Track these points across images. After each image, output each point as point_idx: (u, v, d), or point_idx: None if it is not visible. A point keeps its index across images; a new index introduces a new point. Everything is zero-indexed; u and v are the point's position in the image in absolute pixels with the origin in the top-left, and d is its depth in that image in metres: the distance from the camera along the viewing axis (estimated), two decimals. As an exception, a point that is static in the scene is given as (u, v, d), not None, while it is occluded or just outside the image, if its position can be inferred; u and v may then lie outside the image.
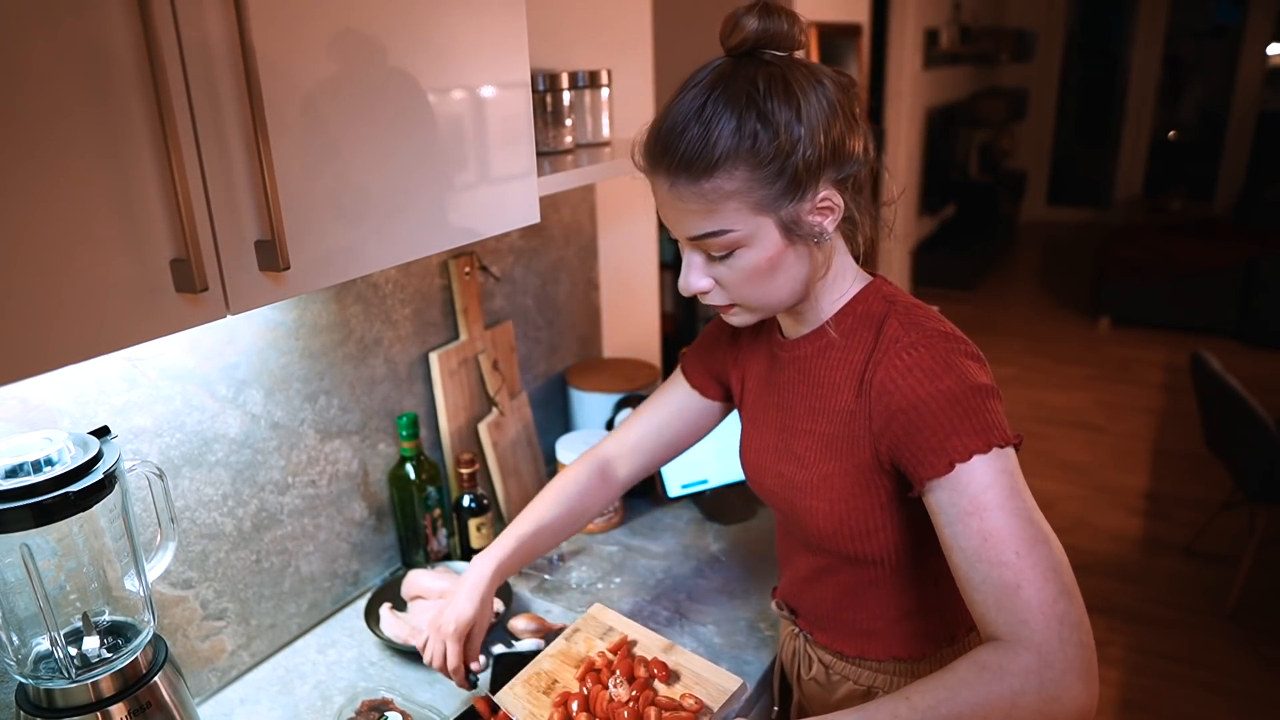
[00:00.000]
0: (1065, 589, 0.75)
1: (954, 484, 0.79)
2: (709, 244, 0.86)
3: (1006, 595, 0.76)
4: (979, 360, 0.85)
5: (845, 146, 0.84)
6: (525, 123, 1.06)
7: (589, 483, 1.19)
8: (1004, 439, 0.79)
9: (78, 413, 0.99)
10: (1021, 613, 0.75)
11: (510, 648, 1.27)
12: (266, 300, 0.78)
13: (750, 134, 0.80)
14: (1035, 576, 0.75)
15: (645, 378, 1.77)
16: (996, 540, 0.76)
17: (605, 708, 0.99)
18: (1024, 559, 0.75)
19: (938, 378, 0.81)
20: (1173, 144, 7.45)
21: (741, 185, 0.81)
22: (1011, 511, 0.77)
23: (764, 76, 0.81)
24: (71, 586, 0.89)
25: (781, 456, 0.99)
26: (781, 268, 0.87)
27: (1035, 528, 0.77)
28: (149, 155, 0.66)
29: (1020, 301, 5.95)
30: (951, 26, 5.71)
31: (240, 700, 1.19)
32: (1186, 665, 2.54)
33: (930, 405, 0.81)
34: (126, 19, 0.64)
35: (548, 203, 1.69)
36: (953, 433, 0.79)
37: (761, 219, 0.83)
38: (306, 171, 0.79)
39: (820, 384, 0.94)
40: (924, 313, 0.89)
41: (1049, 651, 0.73)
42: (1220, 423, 2.72)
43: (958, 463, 0.79)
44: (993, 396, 0.82)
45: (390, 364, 1.41)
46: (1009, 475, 0.78)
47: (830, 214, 0.86)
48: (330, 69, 0.80)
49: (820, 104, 0.82)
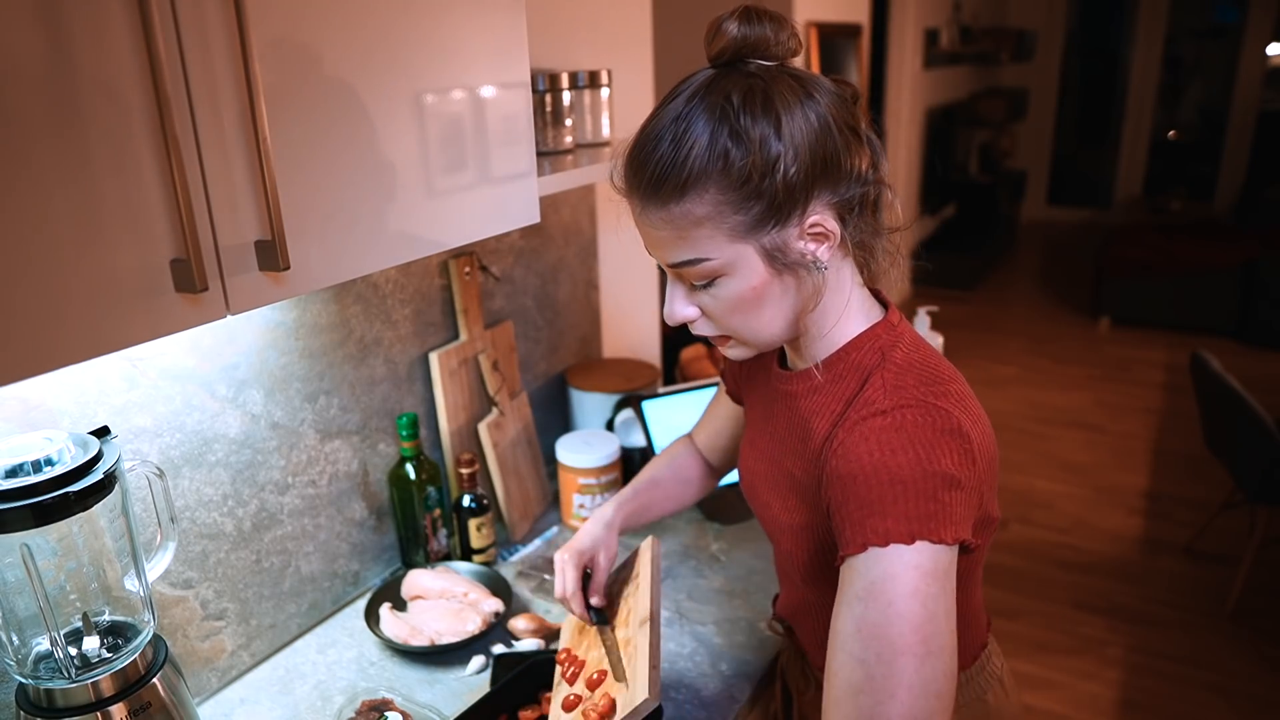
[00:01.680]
0: (911, 714, 0.66)
1: (860, 565, 0.71)
2: (686, 273, 0.79)
3: (847, 695, 0.69)
4: (958, 438, 0.74)
5: (840, 165, 0.76)
6: (525, 123, 1.06)
7: (691, 455, 1.23)
8: (937, 535, 0.70)
9: (78, 413, 0.99)
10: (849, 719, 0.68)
11: (510, 648, 1.27)
12: (266, 300, 0.78)
13: (721, 153, 0.73)
14: (882, 688, 0.67)
15: (645, 378, 1.77)
16: (866, 634, 0.69)
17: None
18: (880, 665, 0.68)
19: (893, 453, 0.72)
20: (1173, 144, 7.45)
21: (713, 209, 0.74)
22: (898, 613, 0.68)
23: (741, 89, 0.74)
24: (71, 586, 0.89)
25: (770, 488, 0.95)
26: (768, 299, 0.79)
27: (916, 638, 0.67)
28: (149, 155, 0.66)
29: (1020, 301, 5.95)
30: (951, 26, 5.72)
31: (240, 700, 1.19)
32: (1186, 665, 2.54)
33: (870, 479, 0.72)
34: (126, 19, 0.64)
35: (548, 203, 1.69)
36: (880, 513, 0.71)
37: (740, 246, 0.76)
38: (306, 171, 0.79)
39: (801, 426, 0.87)
40: (917, 375, 0.79)
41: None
42: (1220, 423, 2.72)
43: (871, 545, 0.70)
44: (950, 487, 0.72)
45: (390, 364, 1.41)
46: (920, 575, 0.69)
47: (825, 240, 0.78)
48: (330, 69, 0.80)
49: (807, 119, 0.74)
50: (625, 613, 1.04)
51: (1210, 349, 3.82)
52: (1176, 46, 7.20)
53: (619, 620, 1.05)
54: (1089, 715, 2.38)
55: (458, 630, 1.25)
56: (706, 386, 1.68)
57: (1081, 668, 2.54)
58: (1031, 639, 2.63)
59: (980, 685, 0.96)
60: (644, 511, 1.18)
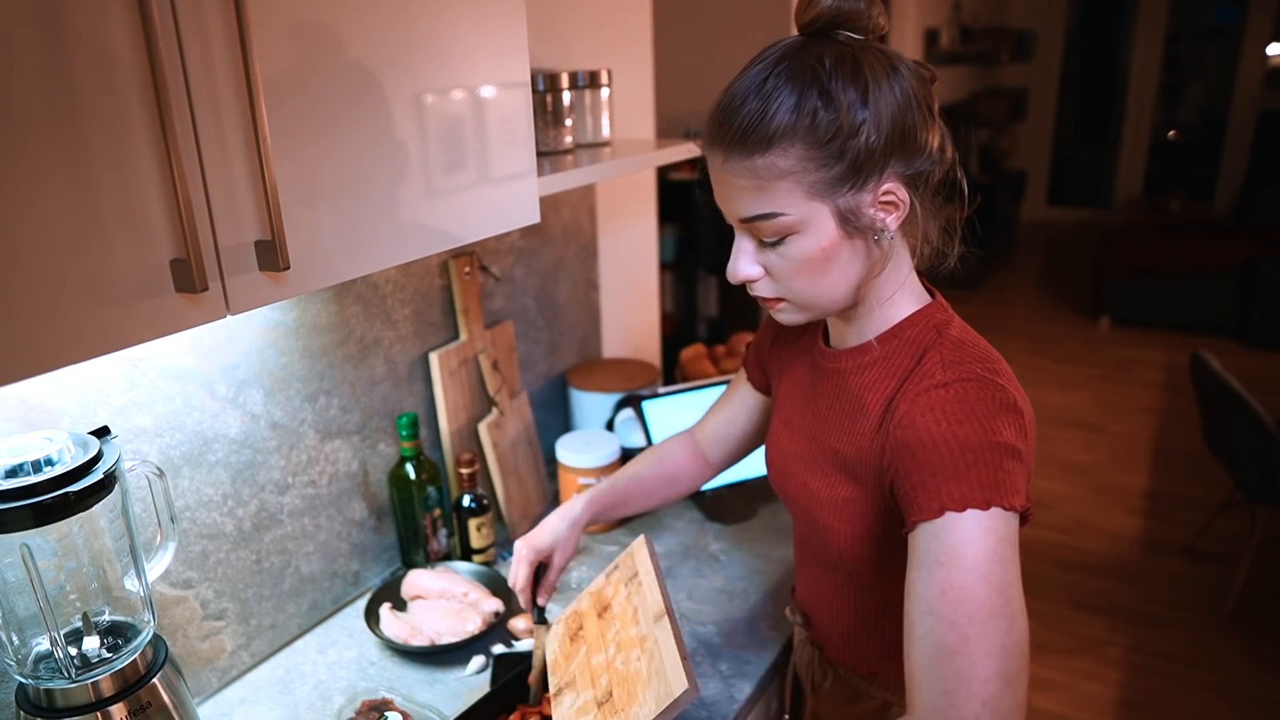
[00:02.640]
0: (1005, 673, 0.68)
1: (938, 530, 0.73)
2: (760, 227, 0.81)
3: (941, 657, 0.70)
4: (1014, 413, 0.78)
5: (916, 139, 0.79)
6: (525, 123, 1.06)
7: (683, 452, 1.22)
8: (1008, 502, 0.73)
9: (78, 413, 0.99)
10: (949, 681, 0.69)
11: (510, 648, 1.27)
12: (266, 300, 0.78)
13: (810, 111, 0.75)
14: (978, 648, 0.69)
15: (645, 378, 1.77)
16: (954, 597, 0.70)
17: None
18: (974, 625, 0.69)
19: (959, 423, 0.76)
20: (1173, 144, 7.45)
21: (796, 164, 0.77)
22: (982, 575, 0.70)
23: (832, 55, 0.76)
24: (71, 586, 0.89)
25: (807, 467, 0.96)
26: (835, 261, 0.81)
27: (1002, 600, 0.70)
28: (149, 155, 0.66)
29: (1020, 301, 5.94)
30: (951, 26, 5.71)
31: (240, 700, 1.19)
32: (1186, 665, 2.54)
33: (941, 446, 0.75)
34: (126, 18, 0.64)
35: (548, 203, 1.69)
36: (955, 479, 0.74)
37: (816, 204, 0.78)
38: (306, 171, 0.79)
39: (852, 403, 0.89)
40: (971, 351, 0.83)
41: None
42: (1220, 423, 2.71)
43: (949, 510, 0.73)
44: (1013, 457, 0.75)
45: (390, 364, 1.41)
46: (997, 539, 0.72)
47: (894, 210, 0.80)
48: (330, 69, 0.80)
49: (892, 92, 0.77)
50: (631, 611, 1.01)
51: (1210, 349, 3.81)
52: (1176, 46, 7.20)
53: (626, 619, 1.01)
54: (1089, 715, 2.38)
55: (458, 630, 1.25)
56: (706, 386, 1.68)
57: (1081, 668, 2.54)
58: (1031, 639, 2.62)
59: None
60: (619, 506, 1.18)
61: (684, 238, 3.65)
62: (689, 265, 3.69)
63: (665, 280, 3.65)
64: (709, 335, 3.78)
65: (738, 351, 2.11)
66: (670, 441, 1.25)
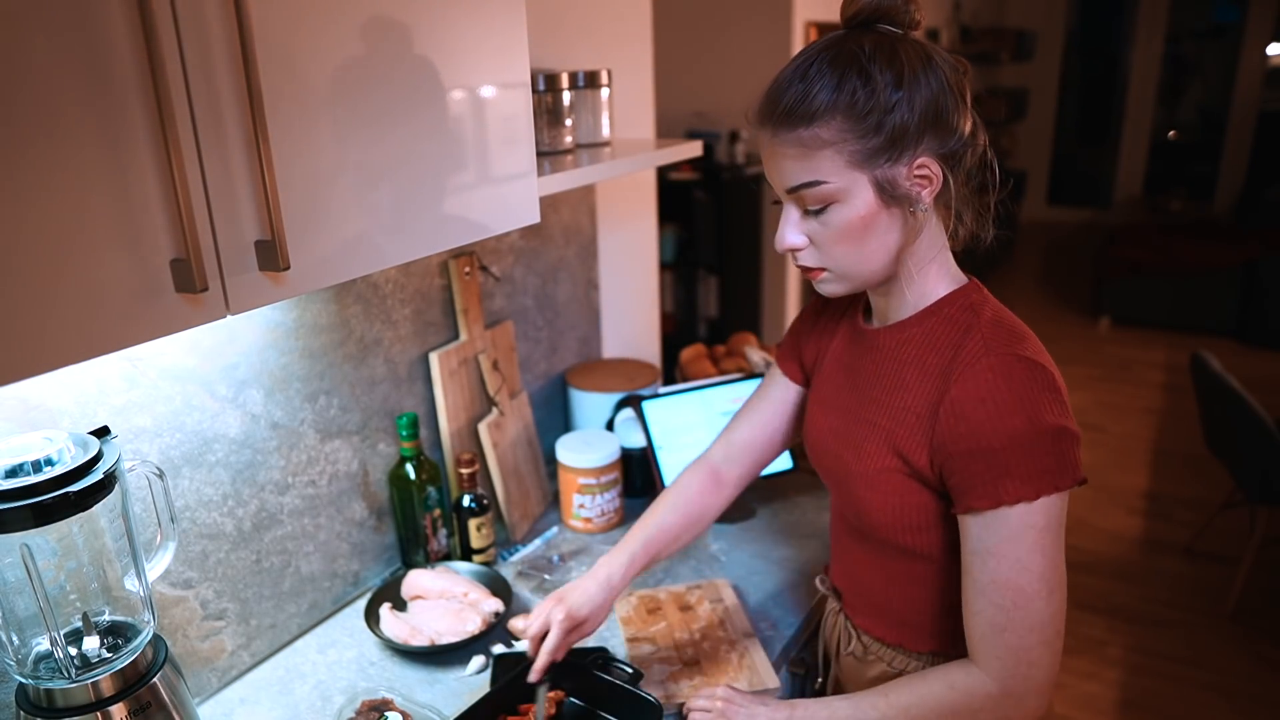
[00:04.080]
0: (1043, 639, 0.87)
1: (989, 521, 0.85)
2: (805, 195, 0.87)
3: (993, 632, 0.87)
4: (1055, 392, 0.85)
5: (949, 121, 0.86)
6: (525, 123, 1.06)
7: (698, 487, 1.21)
8: (1056, 486, 0.83)
9: (78, 413, 0.99)
10: (999, 650, 0.87)
11: (510, 648, 1.27)
12: (266, 300, 0.78)
13: (850, 89, 0.83)
14: (1021, 627, 0.86)
15: (645, 378, 1.77)
16: (1001, 586, 0.86)
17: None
18: (1018, 610, 0.86)
19: (1009, 414, 0.83)
20: (1173, 144, 7.45)
21: (837, 135, 0.84)
22: (1024, 567, 0.85)
23: (871, 42, 0.84)
24: (71, 586, 0.89)
25: (843, 441, 1.01)
26: (874, 230, 0.87)
27: (1040, 583, 0.85)
28: (149, 155, 0.66)
29: (1020, 301, 5.94)
30: (951, 26, 5.72)
31: (240, 700, 1.19)
32: (1186, 665, 2.54)
33: (994, 441, 0.83)
34: (126, 18, 0.64)
35: (548, 203, 1.69)
36: (1007, 474, 0.83)
37: (856, 174, 0.85)
38: (306, 172, 0.79)
39: (892, 378, 0.95)
40: (1007, 331, 0.89)
41: (1011, 688, 0.88)
42: (1220, 423, 2.71)
43: (1002, 504, 0.84)
44: (1059, 438, 0.83)
45: (390, 364, 1.41)
46: (1038, 532, 0.84)
47: (928, 184, 0.86)
48: (330, 69, 0.80)
49: (926, 78, 0.84)
50: (717, 620, 1.29)
51: (1210, 349, 3.81)
52: (1176, 46, 7.20)
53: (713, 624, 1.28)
54: (1089, 715, 2.38)
55: (458, 630, 1.25)
56: (706, 386, 1.68)
57: (1081, 668, 2.54)
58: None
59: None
60: (653, 561, 1.18)
61: (684, 238, 3.65)
62: (689, 265, 3.69)
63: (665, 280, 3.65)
64: (709, 335, 3.78)
65: (738, 351, 2.11)
66: (686, 476, 1.22)
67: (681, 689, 1.16)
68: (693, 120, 3.65)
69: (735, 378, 1.70)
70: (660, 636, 1.26)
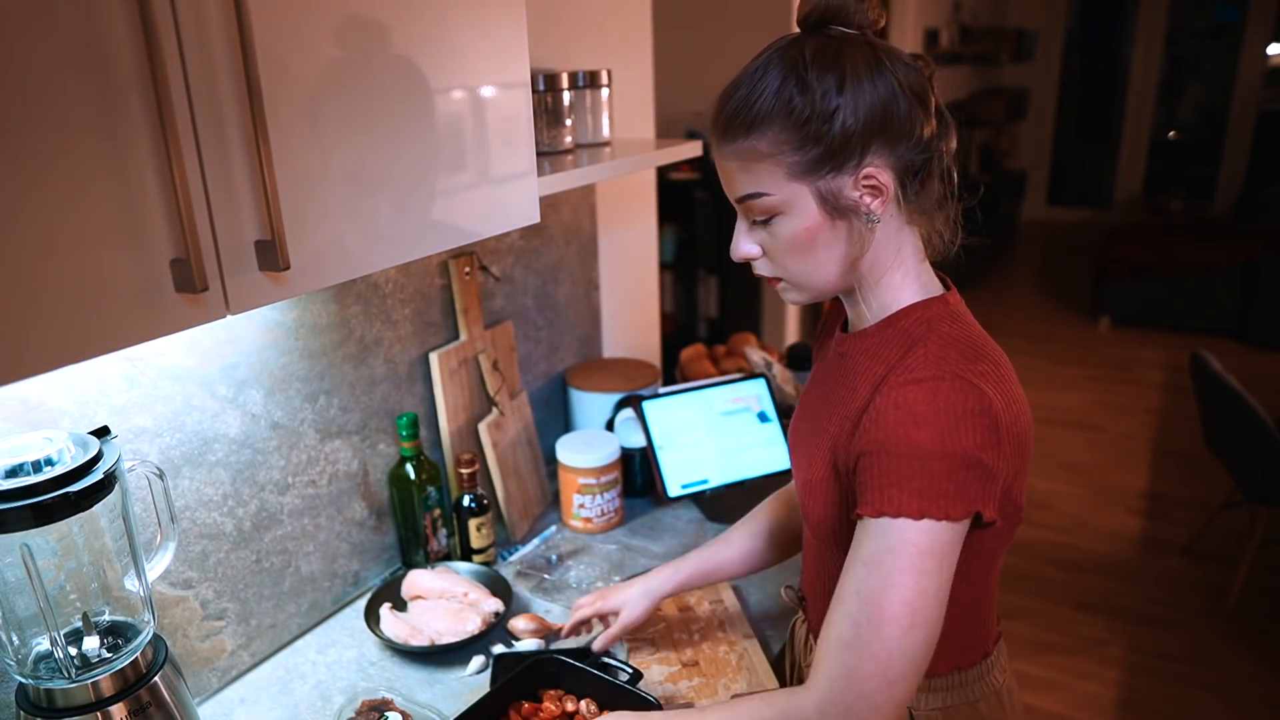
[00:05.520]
0: (885, 675, 0.77)
1: (874, 529, 0.79)
2: (750, 206, 0.86)
3: (835, 647, 0.79)
4: (985, 418, 0.78)
5: (901, 126, 0.81)
6: (525, 123, 1.06)
7: (774, 511, 1.21)
8: (945, 513, 0.76)
9: (78, 413, 0.99)
10: (833, 667, 0.79)
11: (510, 648, 1.27)
12: (266, 300, 0.78)
13: (786, 97, 0.80)
14: (865, 651, 0.77)
15: (645, 378, 1.77)
16: (862, 599, 0.78)
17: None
18: (870, 628, 0.77)
19: (919, 426, 0.77)
20: (1173, 144, 7.44)
21: (774, 147, 0.82)
22: (893, 584, 0.77)
23: (815, 46, 0.81)
24: (71, 586, 0.89)
25: (803, 444, 0.99)
26: (821, 242, 0.85)
27: (904, 610, 0.76)
28: (149, 155, 0.66)
29: (1020, 301, 5.95)
30: (951, 26, 5.71)
31: (240, 700, 1.19)
32: (1186, 665, 2.54)
33: (894, 448, 0.78)
34: (126, 18, 0.64)
35: (548, 203, 1.69)
36: (898, 484, 0.77)
37: (797, 185, 0.82)
38: (306, 171, 0.79)
39: (848, 386, 0.92)
40: (960, 350, 0.83)
41: (829, 714, 0.78)
42: (1220, 423, 2.71)
43: (885, 513, 0.78)
44: (967, 467, 0.77)
45: (390, 364, 1.41)
46: (918, 552, 0.77)
47: (878, 195, 0.83)
48: (330, 69, 0.80)
49: (872, 82, 0.80)
50: (717, 622, 1.29)
51: (1210, 349, 3.81)
52: (1176, 46, 7.20)
53: (712, 625, 1.29)
54: (1089, 715, 2.38)
55: (458, 630, 1.25)
56: (706, 386, 1.68)
57: (1081, 668, 2.54)
58: (1031, 639, 2.63)
59: (975, 693, 0.97)
60: (703, 578, 1.19)
61: (684, 238, 3.65)
62: (689, 265, 3.69)
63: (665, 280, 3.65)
64: (709, 335, 3.78)
65: (738, 351, 2.11)
66: (761, 505, 1.23)
67: (681, 690, 1.16)
68: (693, 120, 3.65)
69: (735, 378, 1.70)
70: (660, 638, 1.27)
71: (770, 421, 1.66)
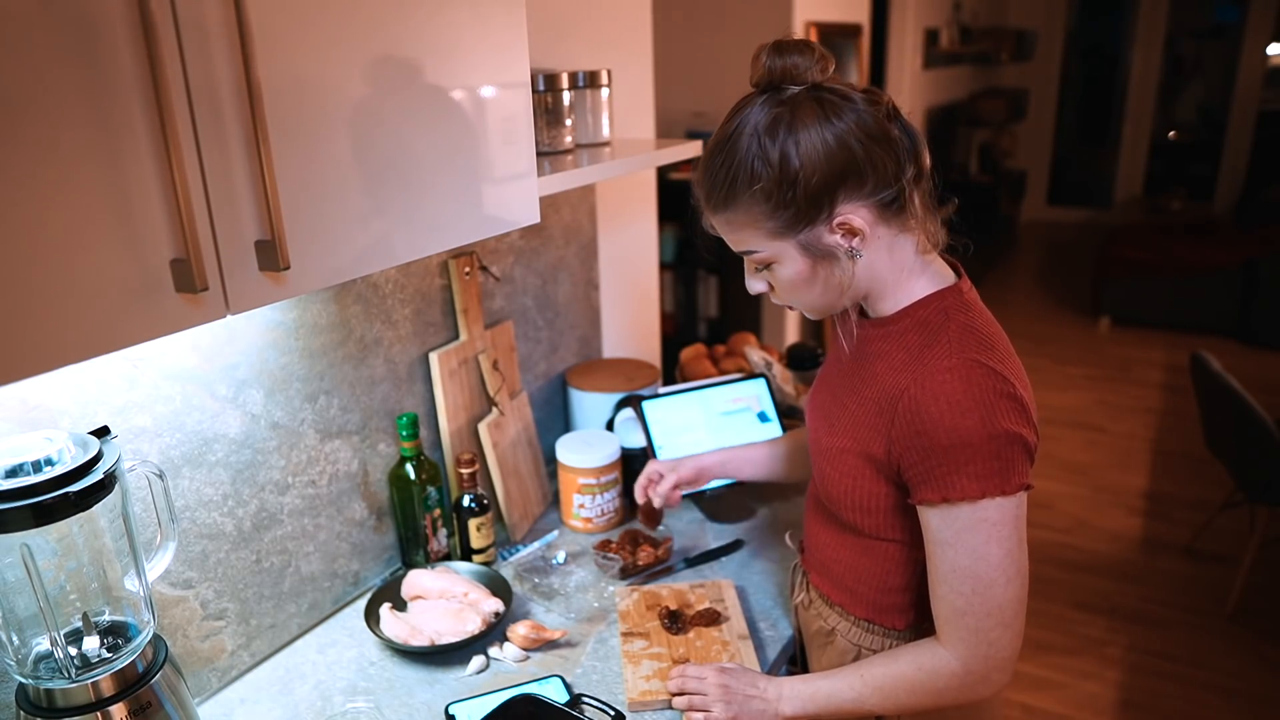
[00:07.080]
0: (1002, 621, 0.91)
1: (943, 514, 0.90)
2: (748, 259, 0.96)
3: (955, 615, 0.92)
4: (1014, 400, 0.88)
5: (859, 170, 0.87)
6: (525, 123, 1.06)
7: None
8: (1003, 489, 0.87)
9: (78, 413, 0.99)
10: (961, 631, 0.93)
11: (500, 650, 1.26)
12: (266, 300, 0.78)
13: (750, 174, 0.88)
14: (980, 611, 0.90)
15: (645, 378, 1.77)
16: (961, 574, 0.90)
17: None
18: (977, 596, 0.90)
19: (964, 413, 0.86)
20: (1173, 144, 7.45)
21: (751, 216, 0.91)
22: (980, 556, 0.89)
23: (770, 117, 0.88)
24: (71, 586, 0.89)
25: (822, 417, 1.07)
26: (816, 280, 0.94)
27: (997, 571, 0.89)
28: (149, 155, 0.66)
29: (1020, 301, 5.95)
30: (951, 26, 5.71)
31: (240, 700, 1.19)
32: (1186, 665, 2.54)
33: (946, 439, 0.87)
34: (126, 18, 0.64)
35: (548, 203, 1.69)
36: (956, 472, 0.87)
37: (779, 243, 0.92)
38: (306, 172, 0.79)
39: (867, 368, 1.00)
40: (976, 337, 0.92)
41: (973, 666, 0.93)
42: (1220, 423, 2.71)
43: (950, 500, 0.88)
44: (1010, 443, 0.86)
45: (390, 364, 1.41)
46: (990, 525, 0.88)
47: (854, 235, 0.90)
48: (330, 69, 0.80)
49: (824, 138, 0.86)
50: (713, 618, 1.29)
51: (1210, 349, 3.82)
52: (1176, 46, 7.20)
53: (709, 639, 1.27)
54: (1089, 715, 2.38)
55: (458, 630, 1.25)
56: (706, 386, 1.68)
57: (1081, 668, 2.54)
58: (1031, 639, 2.63)
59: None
60: (746, 463, 1.38)
61: (684, 238, 3.65)
62: (689, 265, 3.69)
63: (665, 280, 3.65)
64: (709, 335, 3.78)
65: (738, 351, 2.11)
66: (791, 437, 1.39)
67: (669, 685, 1.16)
68: (693, 120, 3.65)
69: (735, 378, 1.70)
70: (654, 633, 1.28)
71: (770, 421, 1.66)
